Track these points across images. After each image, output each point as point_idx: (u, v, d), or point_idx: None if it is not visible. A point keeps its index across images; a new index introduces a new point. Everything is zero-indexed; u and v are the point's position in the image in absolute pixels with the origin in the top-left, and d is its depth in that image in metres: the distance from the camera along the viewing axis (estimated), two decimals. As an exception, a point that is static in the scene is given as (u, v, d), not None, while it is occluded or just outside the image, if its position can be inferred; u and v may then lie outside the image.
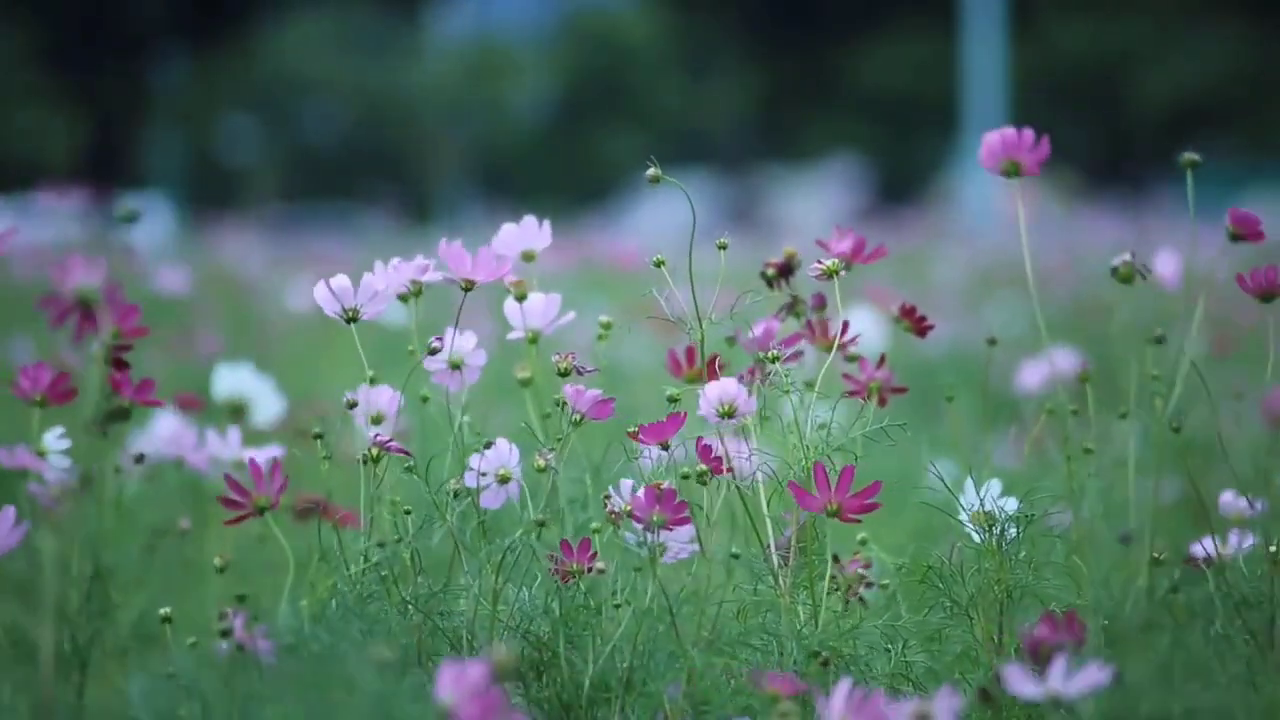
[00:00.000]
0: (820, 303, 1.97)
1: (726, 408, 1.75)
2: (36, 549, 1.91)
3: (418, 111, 25.74)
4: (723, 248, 1.81)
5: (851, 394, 1.92)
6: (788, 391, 1.77)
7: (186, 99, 26.46)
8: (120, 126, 25.42)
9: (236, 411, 2.67)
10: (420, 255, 1.88)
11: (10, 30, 24.22)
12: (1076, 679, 1.51)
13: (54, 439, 1.81)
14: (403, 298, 1.86)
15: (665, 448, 1.75)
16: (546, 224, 1.91)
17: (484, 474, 1.76)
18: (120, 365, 1.75)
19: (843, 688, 1.52)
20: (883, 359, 1.95)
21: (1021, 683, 1.51)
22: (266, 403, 2.70)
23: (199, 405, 2.70)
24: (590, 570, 1.73)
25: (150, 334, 1.74)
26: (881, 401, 1.92)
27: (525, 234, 1.91)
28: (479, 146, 26.01)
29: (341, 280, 1.80)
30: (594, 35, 26.60)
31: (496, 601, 1.73)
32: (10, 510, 1.73)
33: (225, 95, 26.55)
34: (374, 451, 1.75)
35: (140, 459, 1.96)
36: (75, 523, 1.68)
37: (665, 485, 1.71)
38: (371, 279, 1.81)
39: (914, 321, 1.99)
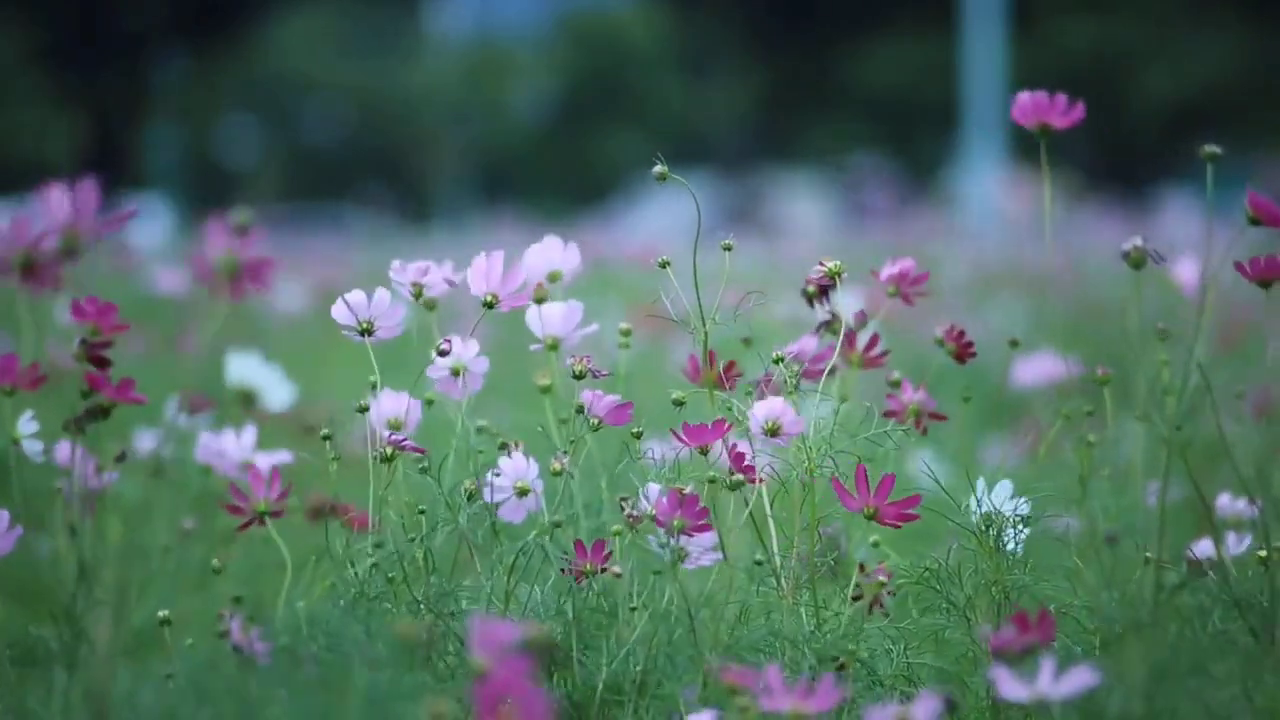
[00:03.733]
0: (862, 320, 1.97)
1: (771, 425, 1.77)
2: (37, 549, 1.91)
3: (418, 111, 25.74)
4: (728, 249, 1.81)
5: (889, 414, 1.93)
6: (793, 394, 1.78)
7: (186, 99, 26.47)
8: (120, 126, 25.43)
9: (247, 399, 2.68)
10: (421, 257, 1.87)
11: (10, 30, 24.23)
12: (1064, 681, 1.50)
13: (25, 423, 1.80)
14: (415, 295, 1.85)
15: (704, 453, 1.76)
16: (573, 246, 1.91)
17: (502, 488, 1.76)
18: (100, 363, 1.74)
19: (772, 672, 1.51)
20: (924, 383, 1.96)
21: (1010, 685, 1.51)
22: (276, 391, 2.71)
23: (208, 405, 2.70)
24: (604, 571, 1.74)
25: (150, 334, 1.74)
26: (918, 424, 1.93)
27: (551, 254, 1.90)
28: (479, 146, 26.01)
29: (357, 296, 1.80)
30: (594, 35, 26.61)
31: (509, 602, 1.73)
32: (3, 514, 1.73)
33: (225, 95, 26.56)
34: (389, 451, 1.76)
35: (122, 457, 1.94)
36: (87, 522, 1.68)
37: (689, 490, 1.72)
38: (385, 294, 1.81)
39: (960, 346, 1.99)
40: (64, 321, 1.78)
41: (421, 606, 1.73)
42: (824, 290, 1.97)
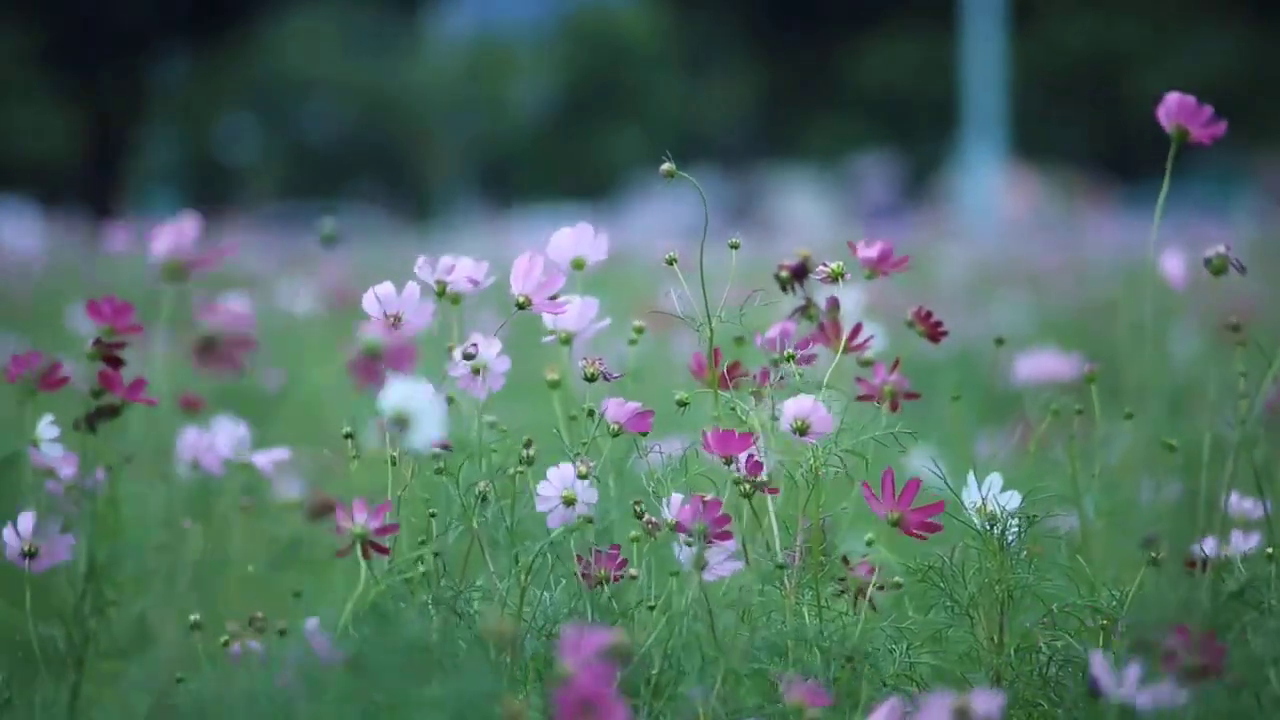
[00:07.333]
0: (834, 305, 1.97)
1: (801, 424, 1.77)
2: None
3: (418, 110, 25.73)
4: (735, 247, 1.81)
5: (863, 398, 1.92)
6: (799, 392, 1.78)
7: (186, 97, 26.45)
8: (119, 125, 25.41)
9: (401, 424, 2.65)
10: (423, 256, 1.87)
11: (9, 30, 24.21)
12: (1151, 692, 1.53)
13: (46, 426, 1.80)
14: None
15: (729, 462, 1.75)
16: (603, 235, 1.87)
17: (548, 497, 1.77)
18: (113, 362, 1.75)
19: (890, 707, 1.54)
20: (896, 363, 1.95)
21: (1106, 680, 1.54)
22: (429, 422, 2.67)
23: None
24: (618, 578, 1.74)
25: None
26: (894, 406, 1.93)
27: (580, 241, 1.88)
28: (479, 145, 26.00)
29: (386, 288, 1.78)
30: (594, 34, 26.60)
31: (523, 603, 1.73)
32: (55, 521, 1.73)
33: (225, 94, 26.55)
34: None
35: (129, 459, 1.94)
36: (83, 521, 1.68)
37: (711, 497, 1.72)
38: (414, 289, 1.79)
39: (928, 327, 1.99)
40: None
41: (435, 608, 1.73)
42: (797, 275, 1.97)
